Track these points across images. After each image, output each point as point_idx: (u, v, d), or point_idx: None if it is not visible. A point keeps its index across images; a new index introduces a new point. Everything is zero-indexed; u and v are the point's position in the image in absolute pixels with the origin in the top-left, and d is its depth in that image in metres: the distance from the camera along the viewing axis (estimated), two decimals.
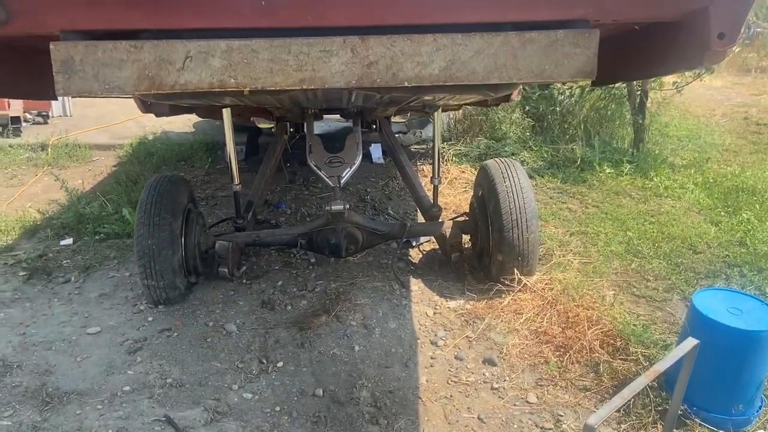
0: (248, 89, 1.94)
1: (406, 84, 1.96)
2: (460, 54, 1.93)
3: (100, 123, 8.66)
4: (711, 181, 6.13)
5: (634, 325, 3.41)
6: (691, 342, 2.21)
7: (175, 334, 3.50)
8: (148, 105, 4.30)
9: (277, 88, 1.95)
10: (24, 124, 8.52)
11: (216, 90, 1.93)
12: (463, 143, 7.01)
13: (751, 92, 12.43)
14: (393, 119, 6.84)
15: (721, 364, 2.68)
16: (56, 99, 2.13)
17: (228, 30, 1.91)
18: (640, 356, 3.16)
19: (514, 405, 2.97)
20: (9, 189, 6.26)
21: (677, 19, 1.99)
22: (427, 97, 3.13)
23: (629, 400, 2.29)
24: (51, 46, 1.83)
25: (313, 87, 1.95)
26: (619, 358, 3.19)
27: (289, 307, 3.81)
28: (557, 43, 1.94)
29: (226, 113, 3.88)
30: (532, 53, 1.94)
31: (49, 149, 7.36)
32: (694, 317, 2.79)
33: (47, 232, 4.93)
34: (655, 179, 6.17)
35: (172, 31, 1.90)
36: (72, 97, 1.86)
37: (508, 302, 3.75)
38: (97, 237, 4.78)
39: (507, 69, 1.95)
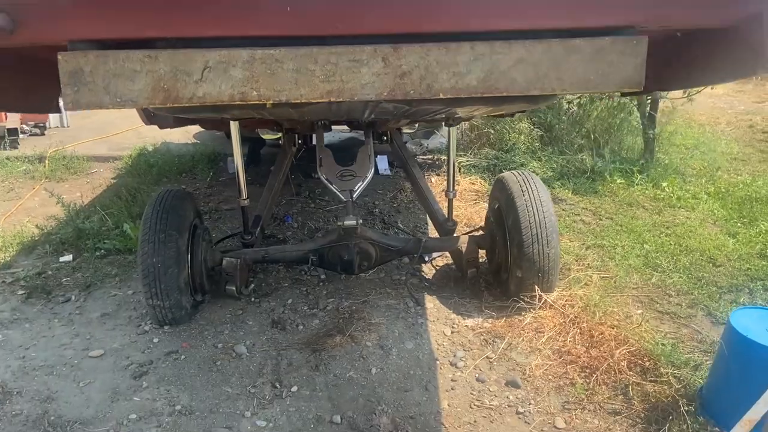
0: (271, 102, 1.80)
1: (440, 96, 1.82)
2: (500, 63, 1.79)
3: (98, 134, 8.51)
4: (723, 191, 6.03)
5: (663, 344, 3.27)
6: None
7: (183, 356, 3.34)
8: (151, 116, 4.17)
9: (303, 101, 1.81)
10: (21, 135, 8.37)
11: (236, 103, 1.79)
12: (471, 154, 6.89)
13: (753, 100, 12.40)
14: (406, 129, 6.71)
15: (762, 387, 2.53)
16: (60, 112, 1.98)
17: (250, 38, 1.77)
18: (671, 377, 3.01)
19: (542, 430, 2.82)
20: (6, 203, 6.09)
21: (728, 26, 1.86)
22: (460, 109, 2.99)
23: None
24: (59, 57, 1.69)
25: (341, 99, 1.81)
26: (650, 380, 3.04)
27: (301, 327, 3.66)
28: (603, 51, 1.81)
29: (234, 126, 3.74)
30: (576, 62, 1.81)
31: (47, 161, 7.20)
32: (731, 338, 2.66)
33: (46, 248, 4.76)
34: (667, 189, 6.05)
35: (190, 39, 1.77)
36: (81, 110, 1.71)
37: (529, 320, 3.61)
38: (97, 253, 4.61)
39: (549, 79, 1.82)
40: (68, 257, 4.60)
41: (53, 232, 5.08)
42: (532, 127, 7.02)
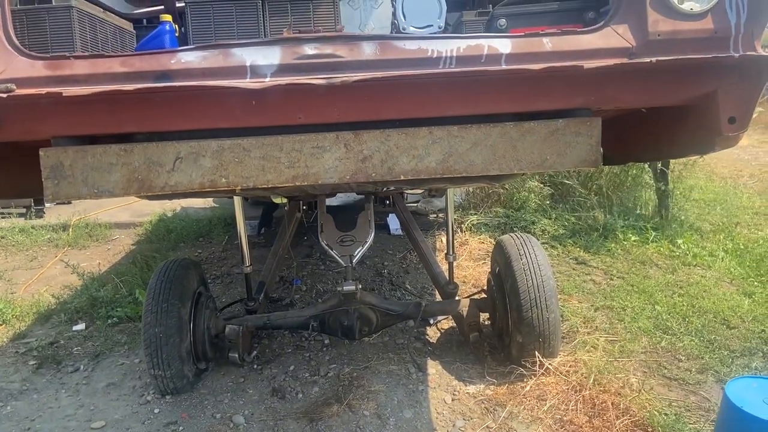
0: (239, 188, 1.89)
1: (402, 177, 1.89)
2: (457, 146, 1.86)
3: (121, 201, 8.80)
4: (742, 247, 5.88)
5: (666, 414, 3.16)
6: None
7: (181, 428, 3.35)
8: None
9: (269, 186, 1.90)
10: (48, 205, 8.69)
11: (207, 190, 1.89)
12: (481, 213, 6.91)
13: None
14: (410, 191, 6.81)
15: None
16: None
17: (219, 130, 1.88)
18: None
19: None
20: (28, 272, 6.30)
21: (684, 104, 1.91)
22: (426, 186, 3.07)
23: None
24: (41, 153, 1.82)
25: (305, 183, 1.89)
26: None
27: (300, 395, 3.65)
28: (558, 132, 1.87)
29: (237, 199, 3.87)
30: (532, 144, 1.87)
31: (70, 230, 7.46)
32: (727, 411, 2.57)
33: (60, 317, 4.90)
34: (683, 247, 5.94)
35: (163, 133, 1.88)
36: (60, 201, 1.82)
37: (531, 387, 3.54)
38: (109, 321, 4.72)
39: (506, 160, 1.88)
40: (81, 326, 4.72)
41: (68, 301, 5.22)
42: (542, 186, 7.03)
